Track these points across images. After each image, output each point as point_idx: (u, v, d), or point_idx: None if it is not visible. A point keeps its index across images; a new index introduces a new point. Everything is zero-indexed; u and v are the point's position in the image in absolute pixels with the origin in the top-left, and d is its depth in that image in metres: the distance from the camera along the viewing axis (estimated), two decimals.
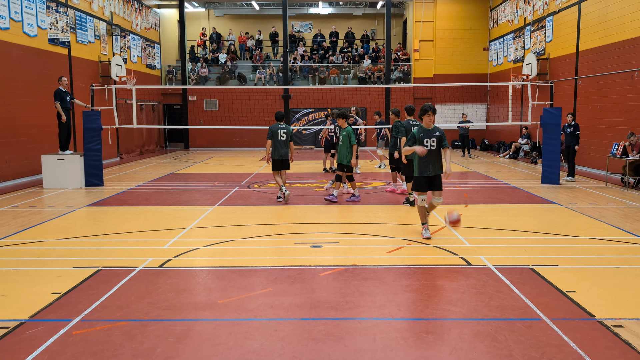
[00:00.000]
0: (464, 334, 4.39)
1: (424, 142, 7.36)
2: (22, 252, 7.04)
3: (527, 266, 6.18)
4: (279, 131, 10.55)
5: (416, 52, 26.37)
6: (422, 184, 7.50)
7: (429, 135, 7.45)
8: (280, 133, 10.55)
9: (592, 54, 16.08)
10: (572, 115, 13.80)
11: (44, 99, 14.97)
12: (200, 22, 29.73)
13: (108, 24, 20.29)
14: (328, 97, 25.17)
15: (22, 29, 14.48)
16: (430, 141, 7.42)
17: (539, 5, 19.90)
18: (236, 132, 25.37)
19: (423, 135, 7.43)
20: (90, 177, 12.99)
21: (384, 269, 6.09)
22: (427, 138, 7.43)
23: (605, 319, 4.62)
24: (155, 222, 8.77)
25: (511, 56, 22.88)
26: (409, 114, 10.22)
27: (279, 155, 10.62)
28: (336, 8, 29.43)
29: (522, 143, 20.54)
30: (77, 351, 4.08)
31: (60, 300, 5.13)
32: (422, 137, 7.41)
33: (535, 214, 9.51)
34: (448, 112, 25.26)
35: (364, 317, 4.75)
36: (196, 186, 13.18)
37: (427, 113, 7.42)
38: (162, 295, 5.28)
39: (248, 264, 6.36)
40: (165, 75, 27.02)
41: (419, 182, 7.50)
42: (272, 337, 4.32)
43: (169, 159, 21.37)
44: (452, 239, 7.52)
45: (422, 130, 7.49)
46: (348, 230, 8.21)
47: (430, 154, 7.41)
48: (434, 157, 7.43)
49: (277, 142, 10.58)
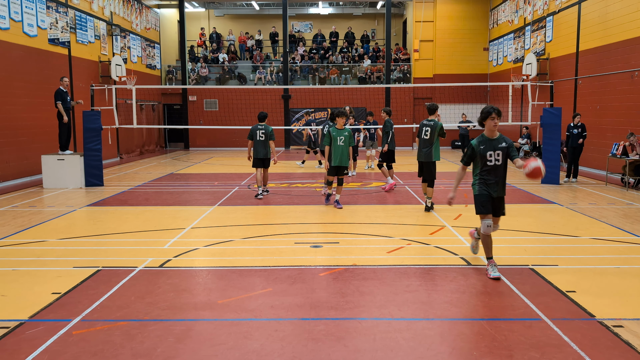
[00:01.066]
0: (464, 334, 4.39)
1: (486, 156, 5.73)
2: (22, 252, 7.03)
3: (527, 266, 6.18)
4: (258, 132, 10.98)
5: (416, 52, 26.37)
6: (485, 203, 5.83)
7: (493, 146, 5.75)
8: (259, 134, 10.98)
9: (592, 54, 16.07)
10: (579, 115, 13.60)
11: (44, 99, 14.97)
12: (200, 22, 29.72)
13: (108, 24, 20.29)
14: (328, 97, 25.16)
15: (22, 29, 14.48)
16: (495, 155, 5.75)
17: (539, 5, 19.90)
18: (236, 132, 25.35)
19: (485, 148, 5.75)
20: (90, 177, 12.99)
21: (384, 269, 6.09)
22: (490, 151, 5.74)
23: (605, 319, 4.62)
24: (155, 222, 8.77)
25: (511, 56, 22.88)
26: (430, 113, 9.63)
27: (257, 155, 11.04)
28: (336, 8, 29.43)
29: (522, 143, 20.53)
30: (77, 351, 4.08)
31: (60, 300, 5.13)
32: (484, 150, 5.74)
33: (535, 214, 9.50)
34: (448, 112, 25.27)
35: (364, 317, 4.75)
36: (196, 186, 13.18)
37: (489, 116, 5.70)
38: (162, 295, 5.28)
39: (248, 264, 6.36)
40: (165, 75, 27.02)
41: (482, 201, 5.85)
42: (272, 337, 4.32)
43: (169, 159, 21.37)
44: (452, 239, 7.52)
45: (483, 141, 5.78)
46: (348, 230, 8.21)
47: (496, 171, 5.77)
48: (500, 175, 5.81)
49: (256, 142, 11.01)
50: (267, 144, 11.04)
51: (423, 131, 9.57)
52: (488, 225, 5.77)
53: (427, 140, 9.52)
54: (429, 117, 9.64)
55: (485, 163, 5.78)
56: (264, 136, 10.97)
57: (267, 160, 11.12)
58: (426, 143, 9.56)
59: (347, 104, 22.04)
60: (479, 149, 5.76)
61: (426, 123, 9.57)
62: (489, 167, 5.77)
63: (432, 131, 9.48)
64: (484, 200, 5.81)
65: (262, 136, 10.97)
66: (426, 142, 9.55)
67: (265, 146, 11.03)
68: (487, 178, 5.81)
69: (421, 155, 9.67)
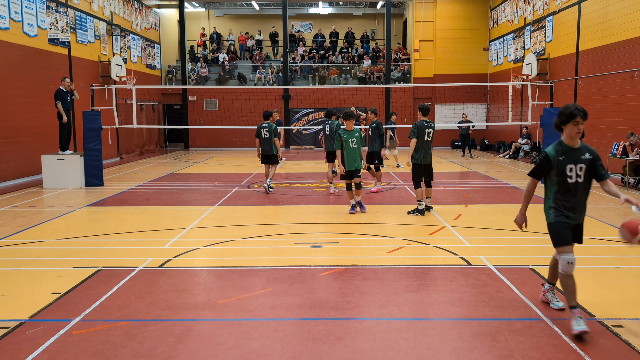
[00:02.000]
0: (464, 334, 4.39)
1: (565, 170, 4.44)
2: (22, 252, 7.03)
3: (527, 266, 6.18)
4: (263, 130, 11.55)
5: (416, 52, 26.37)
6: (564, 232, 4.49)
7: (575, 158, 4.45)
8: (263, 132, 11.55)
9: (592, 54, 16.07)
10: None
11: (44, 99, 14.97)
12: (200, 22, 29.72)
13: (108, 24, 20.29)
14: (328, 97, 25.16)
15: (22, 29, 14.48)
16: (576, 169, 4.44)
17: (539, 5, 19.90)
18: (236, 132, 25.36)
19: (565, 159, 4.45)
20: (90, 177, 12.99)
21: (384, 269, 6.09)
22: (570, 164, 4.44)
23: (605, 319, 4.62)
24: (155, 222, 8.77)
25: (511, 56, 22.88)
26: (423, 114, 9.30)
27: (263, 151, 11.69)
28: (336, 8, 29.43)
29: (522, 143, 20.54)
30: (77, 351, 4.08)
31: (60, 300, 5.13)
32: (563, 163, 4.44)
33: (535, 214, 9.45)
34: (448, 112, 25.29)
35: (364, 317, 4.75)
36: (196, 186, 13.18)
37: (573, 120, 4.41)
38: (162, 295, 5.28)
39: (248, 264, 6.36)
40: (165, 75, 27.02)
41: (560, 230, 4.50)
42: (272, 337, 4.32)
43: (169, 159, 21.37)
44: (452, 239, 7.52)
45: (562, 150, 4.50)
46: (348, 230, 8.20)
47: (575, 190, 4.48)
48: (581, 194, 4.51)
49: (262, 140, 11.61)
50: (272, 141, 11.55)
51: (426, 133, 9.22)
52: (569, 262, 4.37)
53: (430, 142, 9.40)
54: (425, 118, 9.34)
55: (564, 180, 4.45)
56: (268, 134, 11.51)
57: (272, 156, 11.64)
58: (429, 145, 9.39)
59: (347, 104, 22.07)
60: (557, 160, 4.44)
61: (427, 124, 9.26)
62: (568, 184, 4.45)
63: (433, 132, 9.41)
64: (562, 229, 4.48)
65: (266, 134, 11.52)
66: (429, 144, 9.38)
67: (270, 143, 11.54)
68: (563, 200, 4.48)
69: (427, 157, 9.30)
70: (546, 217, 4.64)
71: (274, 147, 11.57)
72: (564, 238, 4.47)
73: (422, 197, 9.32)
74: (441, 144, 26.28)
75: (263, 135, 11.54)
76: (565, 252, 4.41)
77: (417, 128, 9.17)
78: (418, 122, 9.27)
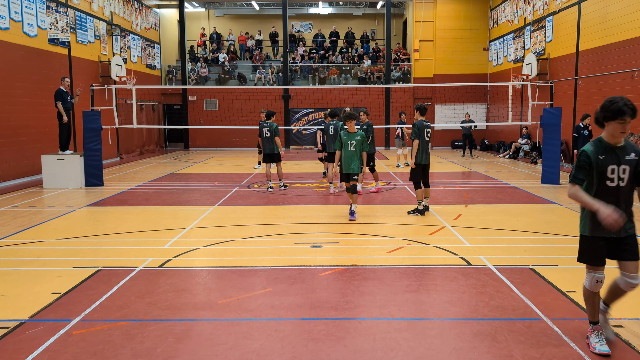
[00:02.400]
0: (464, 334, 4.39)
1: (606, 172, 3.86)
2: (22, 252, 7.03)
3: (527, 266, 6.18)
4: (264, 129, 11.85)
5: (416, 52, 26.37)
6: (595, 250, 4.00)
7: (618, 159, 3.87)
8: (264, 131, 11.84)
9: (592, 54, 16.08)
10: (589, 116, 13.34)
11: (44, 99, 14.97)
12: (200, 22, 29.73)
13: (108, 24, 20.29)
14: (328, 97, 25.16)
15: (22, 29, 14.48)
16: (619, 171, 3.86)
17: (539, 5, 19.90)
18: (236, 132, 25.36)
19: (605, 160, 3.87)
20: (90, 177, 12.99)
21: (384, 269, 6.09)
22: (612, 165, 3.86)
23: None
24: (155, 222, 8.77)
25: (511, 56, 22.88)
26: (421, 113, 9.25)
27: (264, 150, 12.00)
28: (336, 8, 29.43)
29: (522, 143, 20.54)
30: (77, 351, 4.08)
31: (60, 300, 5.13)
32: (603, 162, 3.86)
33: (535, 214, 9.50)
34: (448, 112, 25.29)
35: (364, 317, 4.75)
36: (196, 186, 13.18)
37: (619, 117, 3.77)
38: (162, 295, 5.28)
39: (248, 264, 6.36)
40: (165, 75, 27.03)
41: (589, 245, 4.02)
42: (272, 337, 4.32)
43: (169, 159, 21.37)
44: (452, 239, 7.52)
45: (602, 148, 3.90)
46: (348, 230, 8.20)
47: (617, 195, 3.90)
48: (625, 201, 3.92)
49: (263, 139, 11.94)
50: (272, 140, 11.79)
51: (425, 132, 9.22)
52: (598, 281, 3.97)
53: (428, 142, 9.42)
54: (423, 117, 9.31)
55: (604, 182, 3.88)
56: (269, 133, 11.76)
57: (274, 155, 11.89)
58: (428, 144, 9.42)
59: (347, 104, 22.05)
60: (597, 159, 3.86)
61: (426, 124, 9.27)
62: (608, 188, 3.88)
63: (431, 132, 9.41)
64: (596, 248, 3.96)
65: (267, 133, 11.78)
66: (428, 144, 9.41)
67: (271, 142, 11.81)
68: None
69: (427, 157, 9.32)
70: (580, 227, 4.09)
71: (275, 146, 11.77)
72: (593, 259, 3.98)
73: (422, 197, 9.33)
74: (441, 144, 26.29)
75: (264, 134, 11.82)
76: (594, 270, 4.00)
77: (417, 128, 9.19)
78: (418, 122, 9.27)
